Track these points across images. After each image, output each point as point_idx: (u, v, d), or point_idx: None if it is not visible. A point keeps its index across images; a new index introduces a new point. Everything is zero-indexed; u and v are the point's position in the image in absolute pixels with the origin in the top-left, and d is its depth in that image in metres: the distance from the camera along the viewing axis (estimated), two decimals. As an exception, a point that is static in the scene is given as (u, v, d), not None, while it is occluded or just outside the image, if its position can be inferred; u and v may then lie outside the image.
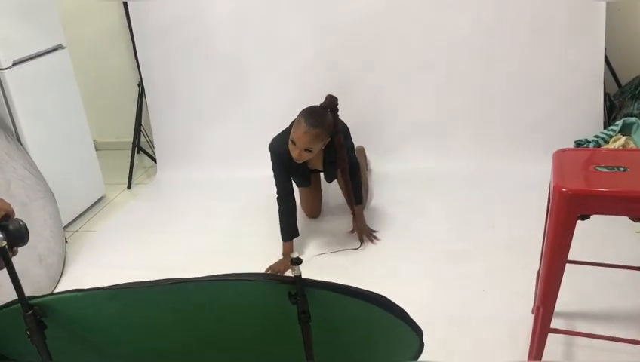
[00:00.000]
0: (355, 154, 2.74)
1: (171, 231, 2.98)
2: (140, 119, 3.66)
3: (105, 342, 1.35)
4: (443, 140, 3.26)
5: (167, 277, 1.24)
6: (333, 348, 1.39)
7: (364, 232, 2.68)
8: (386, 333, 1.36)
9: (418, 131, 3.30)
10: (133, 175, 3.64)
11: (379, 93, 3.29)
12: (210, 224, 3.01)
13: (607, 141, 2.84)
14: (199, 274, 1.28)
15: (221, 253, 2.71)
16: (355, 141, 2.76)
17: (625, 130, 2.86)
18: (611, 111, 3.09)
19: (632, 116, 2.90)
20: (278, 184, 2.55)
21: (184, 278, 1.18)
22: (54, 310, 1.24)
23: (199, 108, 3.56)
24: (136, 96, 3.65)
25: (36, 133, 2.85)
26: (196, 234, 2.92)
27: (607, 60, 3.05)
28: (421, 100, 3.26)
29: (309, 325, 1.23)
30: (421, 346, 1.44)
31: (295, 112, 2.43)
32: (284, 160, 2.49)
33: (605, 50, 2.96)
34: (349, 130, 2.70)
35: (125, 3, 3.45)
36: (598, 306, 2.05)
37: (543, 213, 1.79)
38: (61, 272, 2.67)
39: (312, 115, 2.34)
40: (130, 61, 3.80)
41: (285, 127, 2.57)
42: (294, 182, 2.67)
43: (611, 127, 2.88)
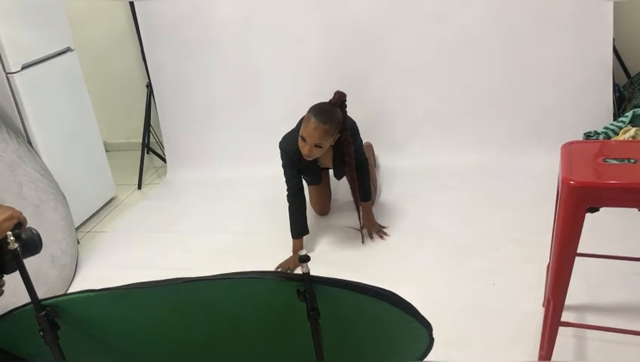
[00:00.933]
0: (364, 150, 2.74)
1: (182, 231, 3.00)
2: (149, 120, 3.69)
3: (116, 342, 1.37)
4: (451, 135, 3.26)
5: (177, 277, 1.25)
6: (342, 344, 1.39)
7: (373, 228, 2.69)
8: (395, 329, 1.36)
9: (426, 127, 3.29)
10: (143, 175, 3.66)
11: (386, 89, 3.29)
12: (221, 223, 3.03)
13: (616, 133, 2.82)
14: (210, 273, 1.29)
15: (231, 251, 2.72)
16: (364, 137, 2.76)
17: (635, 121, 2.84)
18: (621, 103, 3.07)
19: (641, 107, 2.88)
20: (288, 182, 2.56)
21: (194, 277, 1.19)
22: (66, 310, 1.26)
23: (208, 108, 3.57)
24: (145, 97, 3.67)
25: (47, 136, 2.88)
26: (207, 233, 2.94)
27: (615, 51, 3.03)
28: (429, 96, 3.25)
29: (318, 322, 1.24)
30: (431, 341, 1.45)
31: (303, 111, 2.44)
32: (294, 158, 2.49)
33: (614, 42, 2.94)
34: (357, 126, 2.70)
35: (132, 4, 3.47)
36: (608, 299, 2.04)
37: (552, 205, 1.78)
38: (74, 273, 2.70)
39: (321, 111, 2.35)
40: (139, 62, 3.82)
41: (294, 125, 2.58)
42: (304, 181, 2.68)
43: (621, 119, 2.86)
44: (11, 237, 1.24)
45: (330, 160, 2.65)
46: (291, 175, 2.55)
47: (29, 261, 1.28)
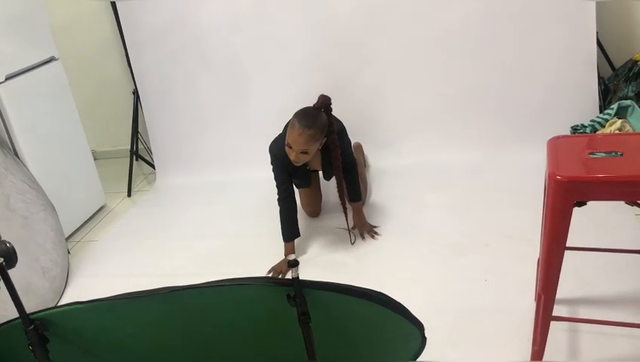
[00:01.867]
0: (353, 151, 2.74)
1: (173, 237, 2.98)
2: (137, 126, 3.67)
3: (107, 353, 1.36)
4: (439, 133, 3.26)
5: (167, 285, 1.24)
6: (335, 347, 1.39)
7: (364, 229, 2.69)
8: (387, 329, 1.36)
9: (414, 125, 3.29)
10: (132, 182, 3.65)
11: (374, 89, 3.29)
12: (212, 228, 3.02)
13: (603, 125, 2.84)
14: (202, 279, 1.28)
15: (223, 256, 2.71)
16: (352, 138, 2.76)
17: (620, 113, 2.86)
18: (606, 95, 3.09)
19: (626, 99, 2.90)
20: (278, 185, 2.56)
21: (183, 286, 1.19)
22: (55, 323, 1.25)
23: (195, 113, 3.56)
24: (132, 104, 3.66)
25: (33, 146, 2.86)
26: (198, 238, 2.93)
27: (600, 45, 3.05)
28: (416, 94, 3.25)
29: (309, 326, 1.24)
30: (423, 340, 1.45)
31: (292, 112, 2.43)
32: (283, 161, 2.49)
33: (597, 35, 2.96)
34: (345, 128, 2.70)
35: (116, 11, 3.45)
36: (599, 291, 2.05)
37: (541, 200, 1.79)
38: (65, 284, 2.68)
39: (305, 116, 2.34)
40: (124, 69, 3.80)
41: (282, 127, 2.58)
42: (295, 184, 2.68)
43: (607, 111, 2.88)
44: None
45: (319, 163, 2.64)
46: (282, 178, 2.54)
47: (18, 273, 1.26)
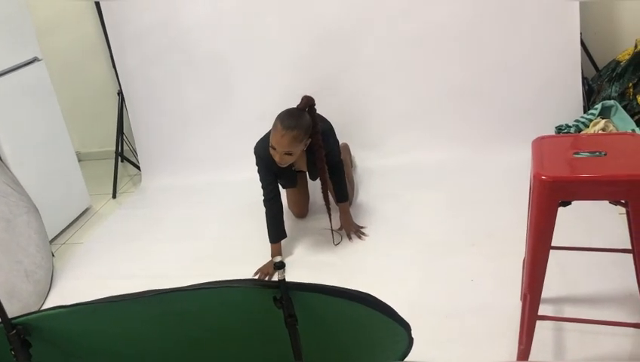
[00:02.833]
0: (339, 151, 2.74)
1: (159, 239, 2.96)
2: (122, 127, 3.65)
3: (91, 357, 1.34)
4: (425, 133, 3.27)
5: (152, 288, 1.23)
6: (322, 349, 1.39)
7: (351, 229, 2.69)
8: (374, 331, 1.36)
9: (400, 125, 3.30)
10: (117, 184, 3.62)
11: (360, 89, 3.29)
12: (198, 229, 3.00)
13: (587, 125, 2.86)
14: (188, 281, 1.27)
15: (210, 258, 2.70)
16: (340, 138, 2.76)
17: (604, 113, 2.88)
18: (590, 95, 3.12)
19: (610, 99, 2.93)
20: (264, 187, 2.55)
21: (168, 289, 1.18)
22: (38, 328, 1.23)
23: (180, 114, 3.54)
24: (117, 105, 3.63)
25: (16, 149, 2.83)
26: (184, 240, 2.91)
27: (583, 45, 3.08)
28: (402, 94, 3.26)
29: (296, 328, 1.23)
30: (410, 341, 1.45)
31: (277, 113, 2.42)
32: (268, 162, 2.48)
33: (581, 35, 2.98)
34: (332, 127, 2.70)
35: (100, 12, 3.42)
36: (584, 290, 2.06)
37: (526, 200, 1.80)
38: (49, 287, 2.65)
39: (288, 117, 2.34)
40: (109, 69, 3.77)
41: (268, 128, 2.57)
42: (280, 184, 2.67)
43: (591, 111, 2.91)
44: None
45: (305, 163, 2.64)
46: (267, 180, 2.53)
47: (0, 277, 1.25)
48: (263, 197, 2.54)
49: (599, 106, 2.88)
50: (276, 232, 2.55)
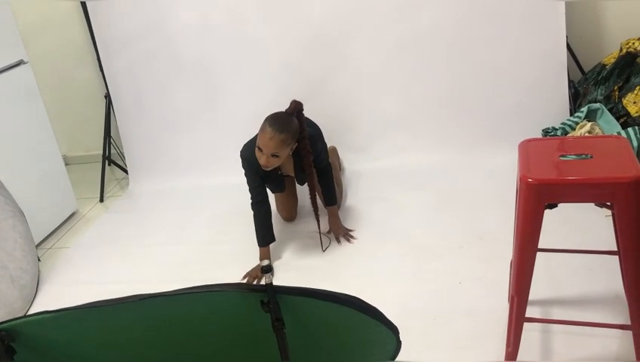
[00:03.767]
0: (328, 155, 2.74)
1: (146, 243, 2.94)
2: (109, 131, 3.62)
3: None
4: (412, 136, 3.28)
5: (139, 293, 1.22)
6: (310, 352, 1.38)
7: (340, 232, 2.69)
8: (362, 334, 1.36)
9: (388, 128, 3.31)
10: (105, 188, 3.59)
11: (348, 92, 3.29)
12: (185, 233, 2.99)
13: (573, 128, 2.88)
14: (176, 285, 1.26)
15: (197, 262, 2.69)
16: (328, 141, 2.76)
17: (590, 116, 2.91)
18: (576, 98, 3.14)
19: (596, 102, 2.95)
20: (251, 190, 2.54)
21: (154, 293, 1.17)
22: (23, 333, 1.22)
23: (168, 118, 3.52)
24: (104, 108, 3.60)
25: (2, 152, 2.80)
26: (171, 244, 2.89)
27: (569, 48, 3.10)
28: (389, 97, 3.27)
29: (283, 332, 1.23)
30: (398, 344, 1.45)
31: (265, 116, 2.42)
32: (255, 166, 2.47)
33: (567, 39, 3.00)
34: (320, 132, 2.70)
35: (87, 12, 3.40)
36: (571, 292, 2.07)
37: (513, 202, 1.80)
38: (35, 292, 2.62)
39: (277, 121, 2.33)
40: (96, 72, 3.75)
41: (256, 131, 2.56)
42: (269, 189, 2.66)
43: (577, 114, 2.93)
44: None
45: (292, 168, 2.63)
46: (254, 183, 2.53)
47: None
48: (250, 201, 2.54)
49: (585, 109, 2.90)
50: (264, 236, 2.54)
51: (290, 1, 3.15)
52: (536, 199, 1.51)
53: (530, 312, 1.74)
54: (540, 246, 1.58)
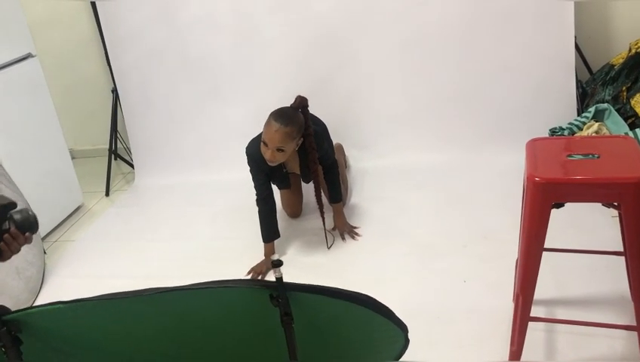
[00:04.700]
0: (334, 152, 2.74)
1: (151, 238, 2.95)
2: (116, 125, 3.63)
3: (85, 354, 1.34)
4: (419, 134, 3.28)
5: (150, 287, 1.22)
6: (318, 348, 1.39)
7: (345, 229, 2.69)
8: (371, 332, 1.36)
9: (394, 126, 3.31)
10: (111, 182, 3.60)
11: (354, 89, 3.29)
12: (191, 229, 3.00)
13: (580, 128, 2.88)
14: (181, 281, 1.26)
15: (202, 258, 2.69)
16: (334, 138, 2.76)
17: (597, 116, 2.90)
18: (584, 99, 3.13)
19: (603, 102, 2.94)
20: (256, 186, 2.54)
21: (169, 287, 1.16)
22: (30, 324, 1.22)
23: (175, 113, 3.53)
24: (111, 102, 3.61)
25: (9, 145, 2.81)
26: (177, 239, 2.90)
27: (577, 48, 3.09)
28: (396, 95, 3.27)
29: (292, 327, 1.22)
30: (406, 342, 1.45)
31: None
32: (260, 163, 2.47)
33: (575, 39, 3.00)
34: (326, 129, 2.70)
35: (95, 8, 3.40)
36: (577, 292, 2.07)
37: (519, 202, 1.80)
38: (40, 284, 2.64)
39: (282, 114, 2.33)
40: (104, 67, 3.76)
41: (262, 128, 2.56)
42: (274, 185, 2.66)
43: (584, 114, 2.92)
44: None
45: (297, 165, 2.63)
46: (259, 179, 2.53)
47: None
48: (255, 197, 2.54)
49: (593, 109, 2.89)
50: (269, 232, 2.55)
51: (298, -2, 3.15)
52: (543, 198, 1.51)
53: (535, 312, 1.74)
54: (546, 245, 1.58)
